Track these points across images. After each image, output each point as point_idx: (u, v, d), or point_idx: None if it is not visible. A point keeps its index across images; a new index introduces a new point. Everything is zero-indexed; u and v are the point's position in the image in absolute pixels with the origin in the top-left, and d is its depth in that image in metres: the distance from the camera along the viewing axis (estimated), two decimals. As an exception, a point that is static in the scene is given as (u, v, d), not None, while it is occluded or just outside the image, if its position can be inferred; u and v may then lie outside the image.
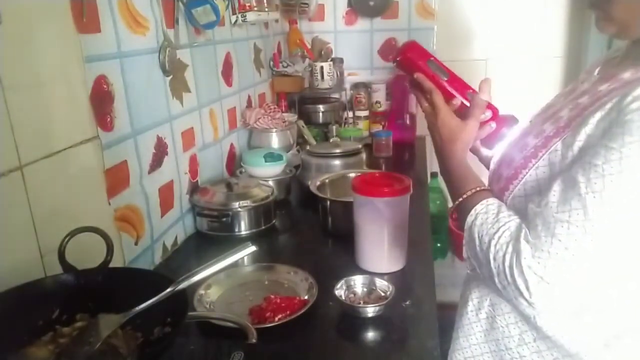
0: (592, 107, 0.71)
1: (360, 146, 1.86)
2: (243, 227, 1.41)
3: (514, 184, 0.78)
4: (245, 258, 1.21)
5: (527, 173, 0.77)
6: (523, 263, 0.68)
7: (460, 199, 0.83)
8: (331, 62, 2.33)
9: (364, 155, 1.83)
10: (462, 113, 0.93)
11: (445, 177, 0.91)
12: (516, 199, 0.78)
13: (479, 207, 0.79)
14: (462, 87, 0.97)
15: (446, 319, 1.03)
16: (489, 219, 0.76)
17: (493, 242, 0.73)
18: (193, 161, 1.47)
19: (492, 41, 2.52)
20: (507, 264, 0.70)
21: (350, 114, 2.52)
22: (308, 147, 1.90)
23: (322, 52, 2.43)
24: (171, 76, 1.31)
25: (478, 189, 0.83)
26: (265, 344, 0.87)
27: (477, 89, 0.95)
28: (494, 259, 0.73)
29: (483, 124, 0.95)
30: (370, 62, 2.58)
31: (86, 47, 0.96)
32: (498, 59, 2.53)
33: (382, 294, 1.06)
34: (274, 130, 1.94)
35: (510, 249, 0.71)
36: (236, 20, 1.72)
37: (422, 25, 2.47)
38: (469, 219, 0.79)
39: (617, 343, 0.76)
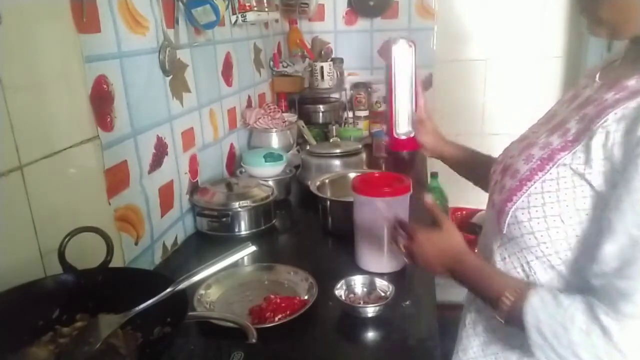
0: (599, 119, 0.70)
1: (360, 146, 1.85)
2: (243, 227, 1.41)
3: (517, 196, 0.76)
4: (245, 258, 1.21)
5: (532, 185, 0.75)
6: (616, 339, 0.64)
7: (506, 307, 0.74)
8: (331, 62, 2.33)
9: (364, 155, 1.83)
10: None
11: (470, 287, 0.83)
12: (519, 211, 0.76)
13: (535, 303, 0.70)
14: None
15: (446, 319, 1.03)
16: (550, 309, 0.69)
17: (574, 331, 0.66)
18: (193, 161, 1.47)
19: (492, 41, 2.52)
20: (600, 345, 0.65)
21: (350, 114, 2.52)
22: (308, 147, 1.90)
23: (322, 52, 2.43)
24: (171, 76, 1.31)
25: (518, 289, 0.74)
26: (265, 344, 0.87)
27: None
28: (584, 348, 0.66)
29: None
30: (370, 62, 2.58)
31: (86, 47, 0.96)
32: (498, 59, 2.53)
33: (382, 294, 1.06)
34: (274, 130, 1.94)
35: (596, 330, 0.65)
36: (236, 20, 1.72)
37: (422, 25, 2.47)
38: (531, 320, 0.70)
39: None
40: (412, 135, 0.98)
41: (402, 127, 1.04)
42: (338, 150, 1.79)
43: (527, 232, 0.76)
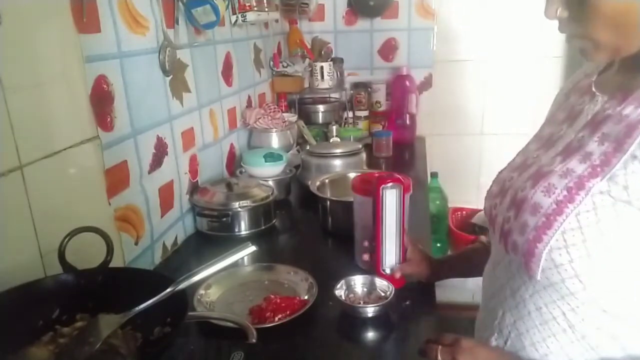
0: (631, 138, 0.63)
1: (360, 146, 1.86)
2: (243, 227, 1.41)
3: (548, 234, 0.66)
4: (245, 258, 1.21)
5: (564, 220, 0.65)
6: None
7: None
8: (331, 62, 2.33)
9: (364, 155, 1.83)
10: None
11: None
12: (554, 252, 0.65)
13: None
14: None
15: (446, 319, 1.03)
16: None
17: None
18: (193, 161, 1.47)
19: (492, 41, 2.52)
20: None
21: (350, 114, 2.52)
22: (308, 147, 1.90)
23: (322, 52, 2.43)
24: (171, 76, 1.31)
25: None
26: (265, 344, 0.87)
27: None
28: None
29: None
30: (370, 62, 2.58)
31: (86, 47, 0.96)
32: (498, 59, 2.53)
33: (382, 294, 1.06)
34: (274, 130, 1.94)
35: None
36: (236, 20, 1.72)
37: (422, 25, 2.47)
38: None
39: None
40: (397, 273, 1.08)
41: (389, 263, 1.08)
42: (338, 150, 1.79)
43: (569, 275, 0.65)
